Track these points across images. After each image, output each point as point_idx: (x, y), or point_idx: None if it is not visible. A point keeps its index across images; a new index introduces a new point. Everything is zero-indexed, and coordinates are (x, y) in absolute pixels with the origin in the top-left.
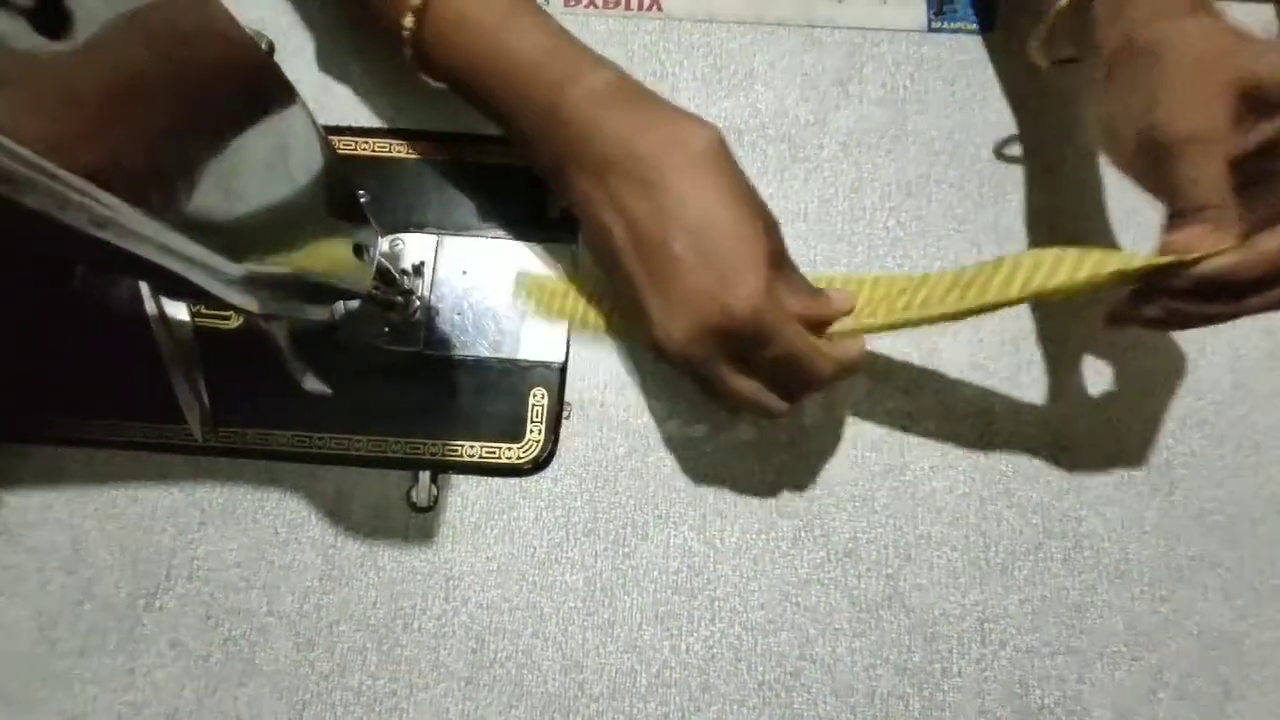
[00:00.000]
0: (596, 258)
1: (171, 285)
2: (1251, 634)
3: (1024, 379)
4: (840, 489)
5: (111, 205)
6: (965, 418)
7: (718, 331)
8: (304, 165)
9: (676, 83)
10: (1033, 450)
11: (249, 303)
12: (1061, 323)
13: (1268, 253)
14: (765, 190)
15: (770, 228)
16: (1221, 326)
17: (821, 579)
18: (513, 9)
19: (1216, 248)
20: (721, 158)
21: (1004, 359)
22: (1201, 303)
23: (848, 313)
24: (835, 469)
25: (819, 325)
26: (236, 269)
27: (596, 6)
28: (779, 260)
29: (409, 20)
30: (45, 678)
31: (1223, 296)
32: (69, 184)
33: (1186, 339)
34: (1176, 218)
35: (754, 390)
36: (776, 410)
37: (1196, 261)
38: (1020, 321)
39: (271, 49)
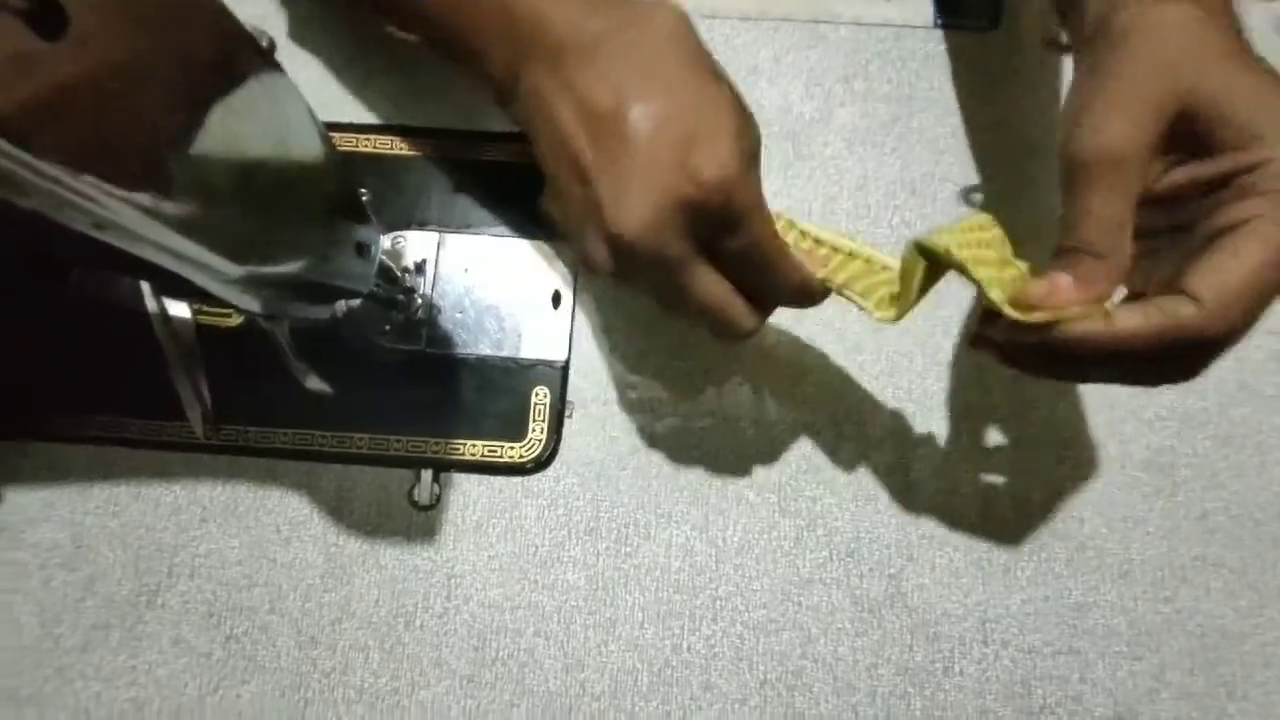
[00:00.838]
0: (547, 169)
1: (171, 285)
2: (1254, 634)
3: (1028, 378)
4: (843, 488)
5: (110, 207)
6: (968, 417)
7: (682, 207)
8: (304, 163)
9: None
10: (1036, 450)
11: (249, 303)
12: None
13: (1120, 334)
14: (769, 188)
15: (748, 118)
16: None
17: (824, 578)
18: None
19: (1068, 309)
20: (687, 33)
21: None
22: (1042, 359)
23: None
24: (838, 468)
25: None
26: (236, 269)
27: None
28: (755, 150)
29: None
30: (48, 674)
31: (1067, 360)
32: (67, 185)
33: None
34: (1057, 254)
35: (722, 294)
36: (742, 324)
37: (1038, 326)
38: None
39: (272, 46)
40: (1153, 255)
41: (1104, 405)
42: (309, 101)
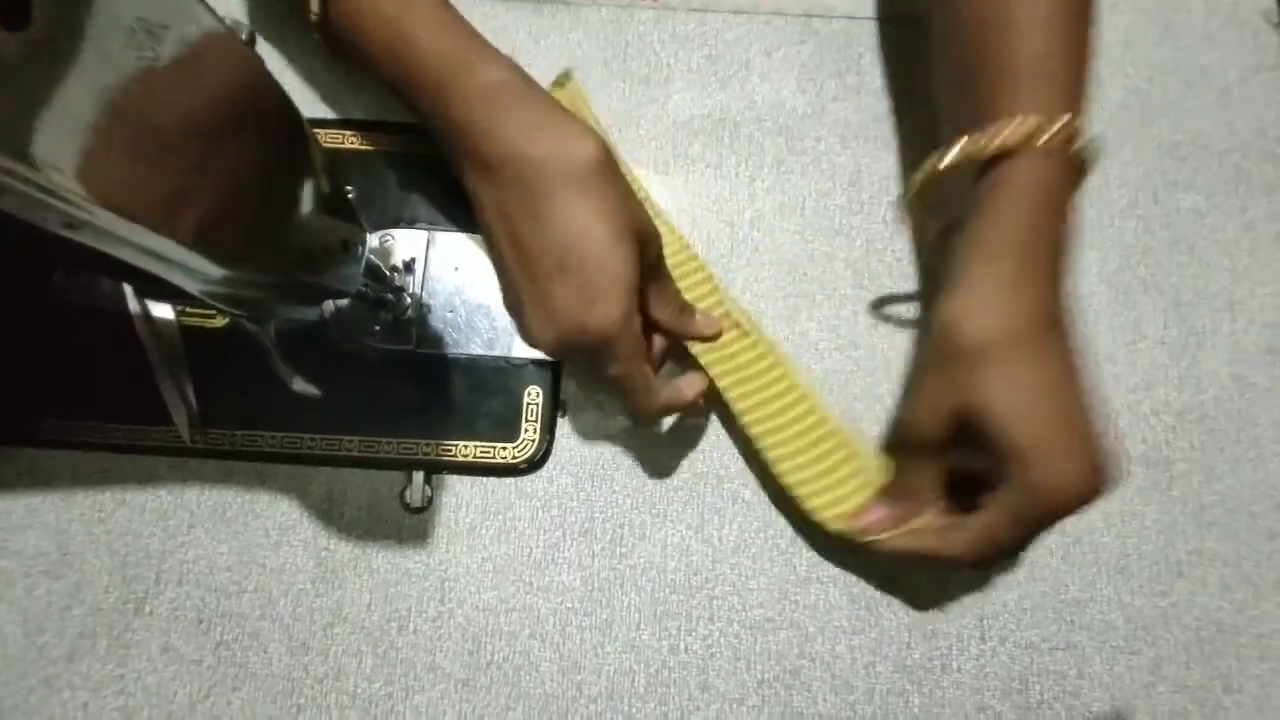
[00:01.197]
0: (486, 247)
1: (153, 286)
2: (1250, 627)
3: None
4: None
5: (85, 207)
6: None
7: (577, 343)
8: (288, 161)
9: (671, 74)
10: None
11: (233, 304)
12: None
13: (894, 549)
14: (762, 184)
15: (646, 243)
16: (1220, 322)
17: (820, 576)
18: (411, 1)
19: (879, 534)
20: (601, 175)
21: None
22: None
23: (710, 337)
24: None
25: (680, 337)
26: (218, 270)
27: None
28: (653, 274)
29: (315, 4)
30: (34, 684)
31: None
32: (36, 184)
33: (1186, 333)
34: (887, 485)
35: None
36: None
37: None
38: None
39: (253, 39)
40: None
41: (1099, 400)
42: (293, 97)
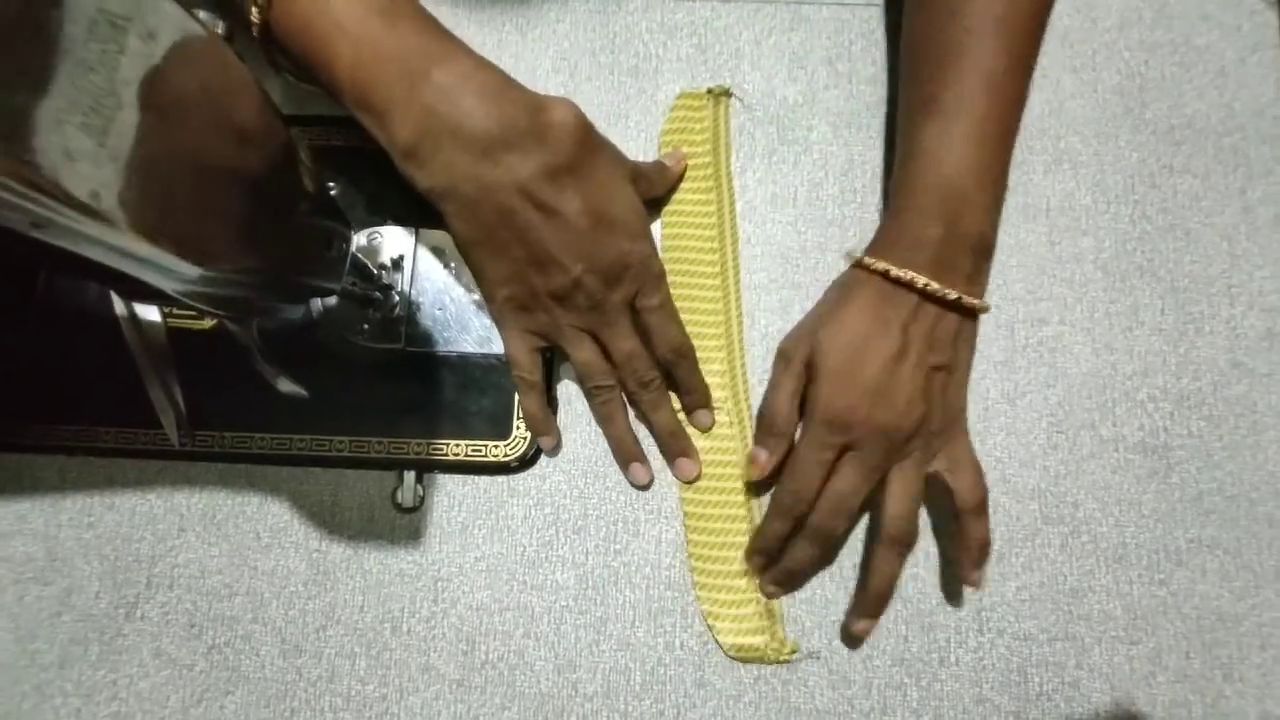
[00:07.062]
0: (473, 229)
1: (130, 286)
2: (1250, 615)
3: (1020, 363)
4: None
5: (51, 205)
6: None
7: (623, 277)
8: (268, 159)
9: (660, 64)
10: (1029, 435)
11: (214, 304)
12: (1055, 306)
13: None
14: (753, 174)
15: (624, 160)
16: (1219, 307)
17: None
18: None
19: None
20: (592, 130)
21: (999, 344)
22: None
23: (680, 174)
24: None
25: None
26: (192, 269)
27: None
28: (634, 174)
29: (255, 13)
30: (25, 691)
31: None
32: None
33: (1184, 318)
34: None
35: (637, 346)
36: (645, 373)
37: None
38: (1014, 306)
39: (231, 35)
40: None
41: (1096, 388)
42: (275, 95)
